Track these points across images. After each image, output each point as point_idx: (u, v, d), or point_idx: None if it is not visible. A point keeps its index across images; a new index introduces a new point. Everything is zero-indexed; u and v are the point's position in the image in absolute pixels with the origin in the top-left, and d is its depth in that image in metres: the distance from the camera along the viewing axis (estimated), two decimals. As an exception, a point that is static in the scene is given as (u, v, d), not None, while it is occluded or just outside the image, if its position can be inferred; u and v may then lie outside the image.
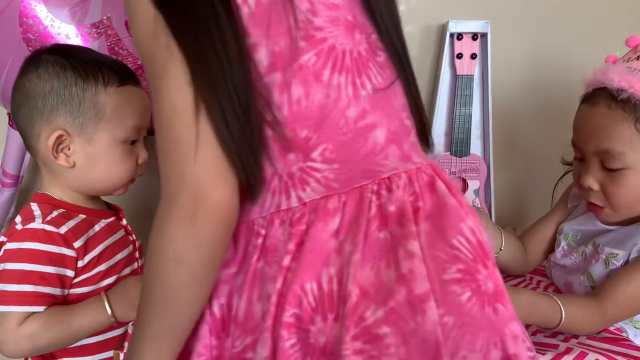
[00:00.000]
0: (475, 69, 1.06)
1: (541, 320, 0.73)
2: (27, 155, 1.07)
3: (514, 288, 0.83)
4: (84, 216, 0.76)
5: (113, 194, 0.80)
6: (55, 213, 0.73)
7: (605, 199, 0.80)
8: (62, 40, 0.90)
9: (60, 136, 0.73)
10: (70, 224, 0.73)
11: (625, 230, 0.81)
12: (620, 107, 0.75)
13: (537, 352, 0.70)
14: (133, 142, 0.77)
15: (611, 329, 0.78)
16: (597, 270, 0.79)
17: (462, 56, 1.06)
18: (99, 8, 0.91)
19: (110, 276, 0.77)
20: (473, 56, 1.06)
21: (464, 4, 1.12)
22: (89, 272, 0.74)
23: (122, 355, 0.70)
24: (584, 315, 0.76)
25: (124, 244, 0.80)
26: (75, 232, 0.73)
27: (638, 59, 0.77)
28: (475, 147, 1.11)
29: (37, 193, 0.77)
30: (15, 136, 1.04)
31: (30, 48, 0.90)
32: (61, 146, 0.73)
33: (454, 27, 1.05)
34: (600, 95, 0.78)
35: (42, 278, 0.69)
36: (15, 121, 0.77)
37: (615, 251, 0.79)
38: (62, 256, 0.71)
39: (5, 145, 1.05)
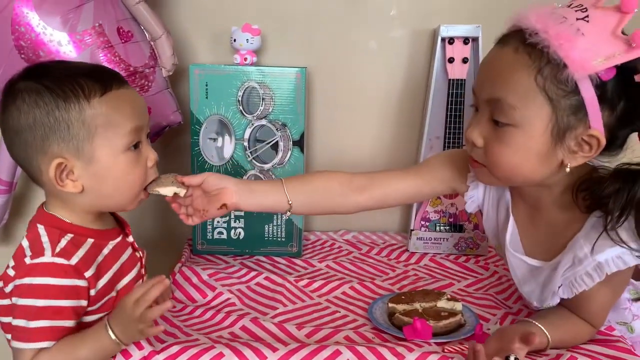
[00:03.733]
0: (466, 73, 1.07)
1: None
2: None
3: (499, 329, 0.77)
4: (92, 240, 0.72)
5: (125, 209, 0.75)
6: (63, 241, 0.69)
7: (485, 156, 0.71)
8: (54, 47, 0.90)
9: (60, 164, 0.68)
10: (80, 252, 0.69)
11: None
12: (527, 52, 0.65)
13: (527, 358, 0.71)
14: (137, 146, 0.72)
15: (602, 328, 0.79)
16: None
17: (453, 60, 1.06)
18: (90, 16, 0.92)
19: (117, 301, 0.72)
20: (464, 60, 1.06)
21: (455, 8, 1.13)
22: (101, 299, 0.72)
23: None
24: (572, 335, 0.76)
25: (132, 263, 0.77)
26: (86, 261, 0.69)
27: (570, 6, 0.66)
28: (468, 150, 1.11)
29: (44, 213, 0.73)
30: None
31: (22, 56, 0.90)
32: (64, 173, 0.69)
33: (445, 32, 1.06)
34: (512, 37, 0.67)
35: (56, 312, 0.67)
36: (13, 158, 0.73)
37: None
38: (76, 288, 0.68)
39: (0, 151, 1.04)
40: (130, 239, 0.79)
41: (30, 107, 0.67)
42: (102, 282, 0.71)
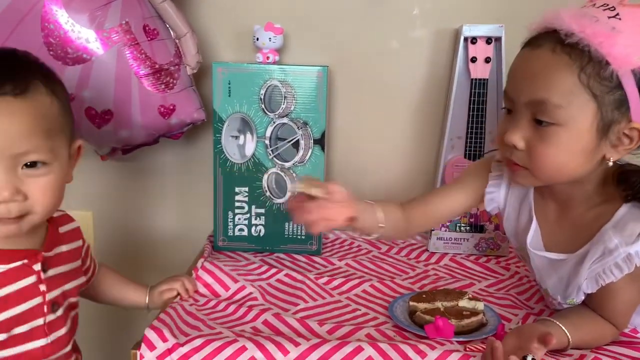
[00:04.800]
0: (489, 72, 1.06)
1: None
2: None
3: (518, 327, 0.78)
4: None
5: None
6: None
7: (528, 159, 0.71)
8: (82, 44, 0.92)
9: None
10: None
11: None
12: (566, 52, 0.66)
13: (550, 358, 0.70)
14: None
15: (626, 331, 0.78)
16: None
17: (476, 60, 1.06)
18: (118, 13, 0.93)
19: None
20: (487, 60, 1.06)
21: (478, 8, 1.13)
22: None
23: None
24: (594, 336, 0.75)
25: (27, 296, 0.67)
26: None
27: (594, 6, 0.68)
28: (489, 150, 1.11)
29: None
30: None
31: (51, 52, 0.92)
32: None
33: (468, 31, 1.05)
34: (545, 39, 0.68)
35: None
36: None
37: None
38: None
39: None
40: (37, 267, 0.68)
41: None
42: None
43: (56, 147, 0.65)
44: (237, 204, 1.08)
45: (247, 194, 1.08)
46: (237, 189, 1.08)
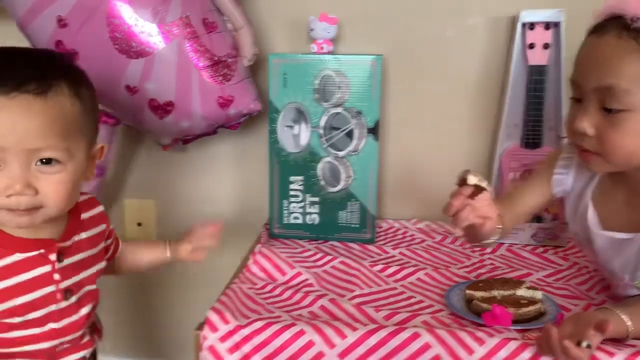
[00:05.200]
0: (548, 58, 1.04)
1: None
2: (112, 147, 1.14)
3: (576, 313, 0.78)
4: None
5: (12, 226, 0.68)
6: None
7: (599, 145, 0.71)
8: (145, 38, 0.96)
9: None
10: None
11: None
12: (632, 37, 0.66)
13: (611, 347, 0.69)
14: None
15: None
16: None
17: (534, 46, 1.04)
18: (179, 7, 0.96)
19: (14, 316, 0.68)
20: (546, 46, 1.04)
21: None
22: None
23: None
24: None
25: (41, 284, 0.70)
26: None
27: None
28: (547, 139, 1.08)
29: None
30: (102, 129, 1.11)
31: (116, 46, 0.96)
32: None
33: (526, 17, 1.03)
34: (611, 25, 0.68)
35: None
36: None
37: None
38: None
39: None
40: (53, 257, 0.70)
41: None
42: None
43: (72, 148, 0.67)
44: (291, 193, 1.10)
45: (301, 182, 1.10)
46: (291, 178, 1.10)
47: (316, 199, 1.10)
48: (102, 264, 0.80)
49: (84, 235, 0.76)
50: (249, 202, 1.27)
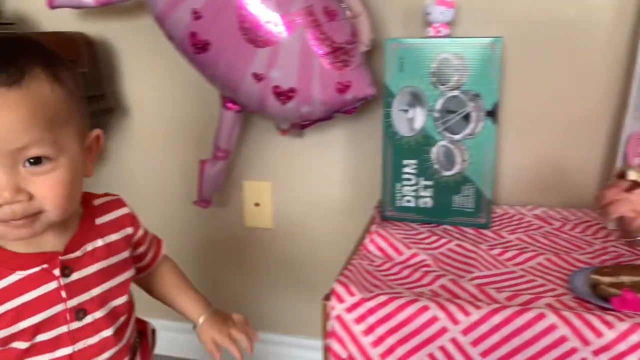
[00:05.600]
0: (684, 36, 0.98)
1: None
2: (236, 132, 1.21)
3: None
4: None
5: (11, 239, 0.61)
6: None
7: None
8: (270, 28, 1.01)
9: None
10: None
11: None
12: None
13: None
14: None
15: None
16: None
17: (668, 23, 0.99)
18: (302, -3, 1.01)
19: (19, 340, 0.63)
20: (681, 22, 0.98)
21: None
22: None
23: None
24: None
25: (47, 303, 0.64)
26: None
27: None
28: (681, 122, 1.02)
29: None
30: (228, 116, 1.19)
31: (244, 36, 1.02)
32: None
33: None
34: None
35: None
36: None
37: None
38: None
39: (219, 123, 1.20)
40: (57, 272, 0.64)
41: None
42: None
43: (61, 139, 0.58)
44: (404, 176, 1.12)
45: (415, 166, 1.11)
46: (405, 162, 1.11)
47: (429, 183, 1.11)
48: (130, 272, 0.72)
49: (99, 242, 0.68)
50: (360, 184, 1.31)
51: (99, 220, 0.70)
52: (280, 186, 1.37)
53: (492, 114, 1.05)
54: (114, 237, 0.71)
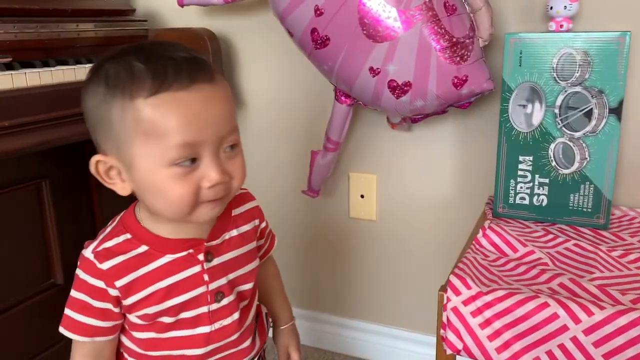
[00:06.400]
0: None
1: None
2: (347, 125, 1.25)
3: None
4: (146, 248, 0.68)
5: (192, 221, 0.66)
6: (114, 241, 0.68)
7: None
8: (390, 23, 1.03)
9: (100, 161, 0.64)
10: (118, 259, 0.66)
11: None
12: None
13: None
14: (194, 160, 0.62)
15: None
16: None
17: None
18: (423, -8, 1.02)
19: (165, 316, 0.70)
20: None
21: None
22: (137, 311, 0.68)
23: None
24: None
25: (192, 285, 0.70)
26: (120, 270, 0.66)
27: None
28: None
29: (133, 205, 0.72)
30: (340, 109, 1.23)
31: (364, 31, 1.05)
32: (114, 171, 0.65)
33: None
34: None
35: (84, 308, 0.67)
36: None
37: None
38: (103, 291, 0.67)
39: (332, 116, 1.24)
40: (201, 257, 0.70)
41: (92, 94, 0.63)
42: (136, 297, 0.68)
43: (238, 128, 0.67)
44: (520, 173, 1.10)
45: (531, 162, 1.09)
46: (520, 158, 1.10)
47: (546, 180, 1.09)
48: (256, 262, 0.78)
49: (234, 232, 0.74)
50: (469, 181, 1.30)
51: (235, 212, 0.76)
52: (386, 179, 1.39)
53: (616, 111, 1.01)
54: (246, 227, 0.77)
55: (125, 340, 0.73)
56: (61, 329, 0.68)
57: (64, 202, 1.24)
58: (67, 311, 0.68)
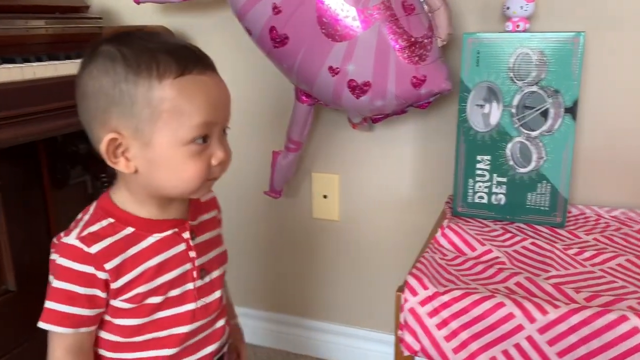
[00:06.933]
0: None
1: None
2: (309, 125, 1.24)
3: None
4: (132, 230, 0.69)
5: (190, 197, 0.72)
6: (97, 226, 0.68)
7: None
8: (349, 22, 1.03)
9: (113, 139, 0.65)
10: (106, 242, 0.67)
11: None
12: None
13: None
14: (205, 139, 0.66)
15: None
16: None
17: None
18: (381, -9, 1.02)
19: (154, 296, 0.71)
20: None
21: None
22: (126, 293, 0.69)
23: None
24: None
25: (180, 261, 0.73)
26: (109, 253, 0.67)
27: None
28: None
29: (105, 193, 0.73)
30: (301, 108, 1.22)
31: (323, 30, 1.04)
32: (120, 150, 0.66)
33: None
34: None
35: (69, 297, 0.66)
36: (80, 120, 0.70)
37: None
38: (91, 276, 0.66)
39: (292, 116, 1.23)
40: (186, 235, 0.73)
41: (100, 74, 0.64)
42: (126, 278, 0.68)
43: None
44: (478, 172, 1.11)
45: (489, 162, 1.10)
46: (479, 157, 1.10)
47: (503, 179, 1.10)
48: (224, 247, 0.81)
49: (206, 216, 0.79)
50: (429, 180, 1.31)
51: (202, 199, 0.80)
52: (349, 179, 1.38)
53: (571, 110, 1.02)
54: (209, 215, 0.81)
55: (103, 334, 0.72)
56: (41, 324, 0.67)
57: (15, 205, 1.19)
58: (50, 304, 0.67)
